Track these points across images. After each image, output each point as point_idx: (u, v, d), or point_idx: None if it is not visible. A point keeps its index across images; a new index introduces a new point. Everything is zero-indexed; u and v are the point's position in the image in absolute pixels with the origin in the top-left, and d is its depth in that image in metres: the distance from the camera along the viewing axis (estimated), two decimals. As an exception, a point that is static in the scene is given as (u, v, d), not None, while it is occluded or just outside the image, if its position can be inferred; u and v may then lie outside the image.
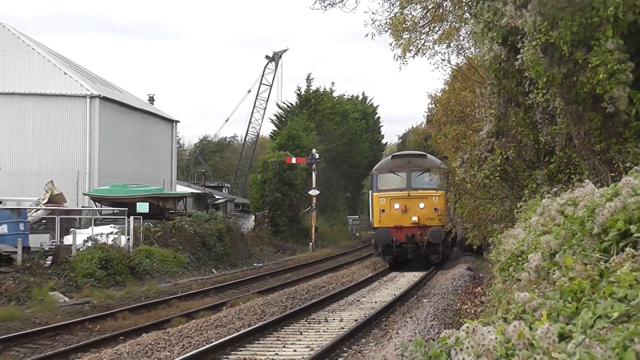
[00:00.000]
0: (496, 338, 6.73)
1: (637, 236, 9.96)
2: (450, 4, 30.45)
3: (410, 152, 60.41)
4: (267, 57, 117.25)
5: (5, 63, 67.28)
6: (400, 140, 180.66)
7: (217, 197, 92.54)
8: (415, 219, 48.70)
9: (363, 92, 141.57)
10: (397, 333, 22.67)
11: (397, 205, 49.65)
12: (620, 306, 6.82)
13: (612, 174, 15.59)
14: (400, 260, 52.49)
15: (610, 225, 10.86)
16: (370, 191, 55.28)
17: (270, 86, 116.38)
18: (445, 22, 31.48)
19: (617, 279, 7.94)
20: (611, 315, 6.72)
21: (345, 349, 21.70)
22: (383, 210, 50.22)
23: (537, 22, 18.34)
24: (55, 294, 33.48)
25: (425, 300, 31.52)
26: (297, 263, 61.81)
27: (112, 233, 47.92)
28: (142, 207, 54.53)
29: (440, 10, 30.95)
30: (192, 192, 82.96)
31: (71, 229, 48.34)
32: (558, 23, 18.02)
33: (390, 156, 57.69)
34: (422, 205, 49.55)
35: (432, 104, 55.26)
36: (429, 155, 55.24)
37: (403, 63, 32.35)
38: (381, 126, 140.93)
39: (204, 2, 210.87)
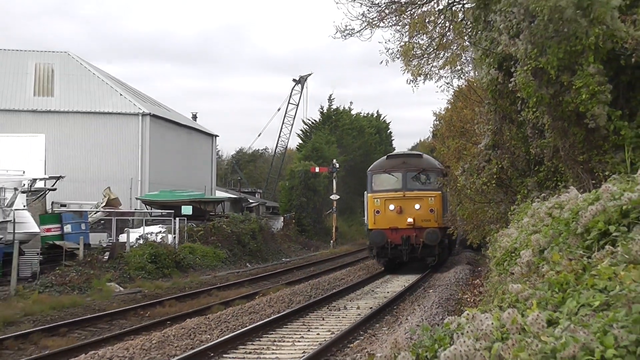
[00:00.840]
0: (493, 323, 6.71)
1: (615, 235, 9.94)
2: (452, 34, 30.40)
3: (406, 152, 51.89)
4: (294, 80, 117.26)
5: (70, 86, 67.55)
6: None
7: (251, 201, 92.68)
8: (410, 220, 41.90)
9: (377, 110, 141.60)
10: (407, 319, 22.62)
11: (392, 207, 42.69)
12: (601, 296, 6.80)
13: (594, 182, 15.53)
14: (398, 262, 44.87)
15: (592, 226, 10.84)
16: (365, 192, 46.87)
17: (297, 105, 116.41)
18: (449, 50, 31.39)
19: (598, 273, 7.92)
20: (593, 304, 6.71)
21: (361, 332, 21.67)
22: (378, 212, 43.24)
23: (528, 50, 18.31)
24: (112, 284, 33.55)
25: (431, 290, 31.43)
26: (320, 258, 61.67)
27: (160, 232, 47.96)
28: (186, 210, 54.54)
29: (444, 40, 30.91)
30: (229, 197, 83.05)
31: (125, 229, 48.44)
32: (546, 50, 17.99)
33: (385, 156, 49.19)
34: (417, 206, 42.50)
35: (437, 121, 55.16)
36: (425, 155, 47.86)
37: (415, 86, 32.40)
38: (393, 140, 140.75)
39: (241, 34, 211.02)
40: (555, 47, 17.88)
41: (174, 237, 48.41)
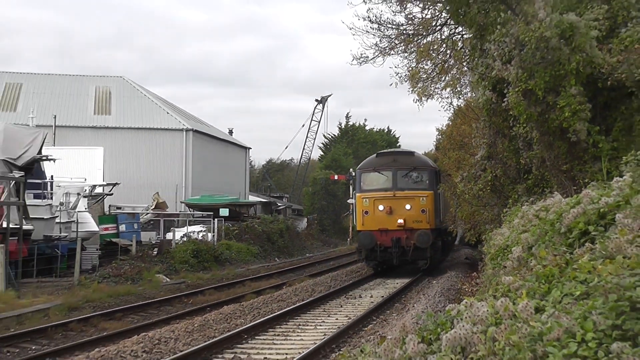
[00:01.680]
0: (488, 310, 6.69)
1: (594, 234, 9.91)
2: (453, 60, 30.37)
3: (397, 149, 44.05)
4: (316, 100, 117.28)
5: (125, 106, 67.92)
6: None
7: (279, 204, 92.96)
8: (401, 221, 34.60)
9: (388, 126, 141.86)
10: (413, 306, 22.58)
11: (381, 207, 35.25)
12: (582, 287, 6.77)
13: (575, 188, 15.46)
14: (388, 266, 37.43)
15: (574, 226, 10.80)
16: (355, 192, 39.80)
17: (319, 122, 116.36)
18: (450, 74, 31.35)
19: (579, 267, 7.89)
20: (574, 293, 6.68)
21: (374, 318, 21.63)
22: (366, 212, 35.66)
23: (519, 74, 18.27)
24: (160, 276, 33.61)
25: (434, 281, 31.38)
26: (338, 254, 61.42)
27: (201, 231, 48.09)
28: (224, 212, 54.64)
29: (446, 65, 30.87)
30: (260, 201, 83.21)
31: (171, 228, 48.58)
32: (534, 74, 17.95)
33: (375, 154, 40.97)
34: (408, 206, 35.03)
35: (439, 135, 54.95)
36: (417, 153, 39.78)
37: (420, 105, 32.37)
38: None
39: (273, 60, 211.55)
40: (542, 72, 17.86)
41: (213, 235, 48.46)
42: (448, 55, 30.48)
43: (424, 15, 29.48)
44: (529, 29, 17.80)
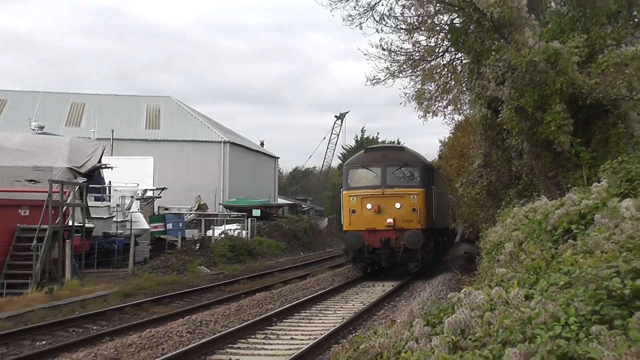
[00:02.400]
0: (484, 298, 6.67)
1: (576, 232, 9.87)
2: (453, 82, 30.35)
3: (386, 144, 34.24)
4: (336, 116, 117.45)
5: (172, 121, 68.27)
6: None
7: (303, 206, 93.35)
8: (390, 220, 28.78)
9: (398, 139, 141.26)
10: (420, 294, 22.52)
11: (369, 205, 29.26)
12: (565, 278, 6.75)
13: (559, 192, 15.41)
14: (376, 268, 31.49)
15: (558, 225, 10.76)
16: (342, 189, 32.54)
17: (338, 135, 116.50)
18: (450, 93, 31.32)
19: (562, 260, 7.86)
20: (559, 283, 6.66)
21: (385, 304, 21.57)
22: (354, 211, 29.63)
23: (511, 93, 18.25)
24: (201, 267, 33.71)
25: (438, 273, 31.29)
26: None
27: (237, 229, 48.23)
28: (256, 212, 54.76)
29: (447, 86, 30.86)
30: (287, 203, 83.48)
31: (211, 226, 48.75)
32: (524, 94, 17.93)
33: (363, 150, 34.93)
34: (398, 205, 28.99)
35: (442, 146, 55.05)
36: (407, 148, 33.33)
37: (425, 120, 32.53)
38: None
39: (301, 82, 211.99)
40: (531, 92, 17.84)
41: (247, 232, 48.58)
42: (449, 78, 30.46)
43: (428, 43, 29.54)
44: (520, 55, 17.77)
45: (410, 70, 29.98)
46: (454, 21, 25.12)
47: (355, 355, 6.31)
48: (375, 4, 27.35)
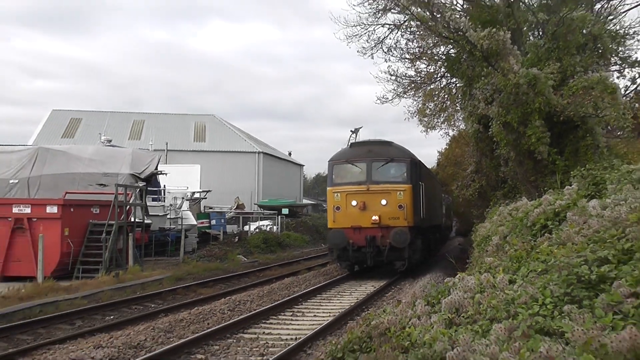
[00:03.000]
0: (474, 282, 6.68)
1: (551, 227, 9.86)
2: (449, 102, 30.34)
3: (372, 139, 29.72)
4: (351, 130, 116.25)
5: (216, 135, 68.41)
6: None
7: (324, 205, 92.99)
8: (375, 218, 24.24)
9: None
10: (421, 279, 22.43)
11: (354, 202, 24.75)
12: (542, 265, 6.75)
13: (537, 194, 15.37)
14: (364, 267, 26.26)
15: (536, 221, 10.74)
16: (327, 186, 27.33)
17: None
18: (447, 112, 31.29)
19: (540, 251, 7.85)
20: (537, 270, 6.66)
21: (392, 287, 21.50)
22: (338, 208, 25.07)
23: (499, 111, 18.25)
24: (239, 256, 33.74)
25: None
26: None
27: (269, 224, 48.27)
28: (285, 211, 54.72)
29: (444, 105, 30.83)
30: (311, 203, 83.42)
31: (247, 222, 48.83)
32: (510, 111, 17.92)
33: (349, 144, 30.29)
34: (384, 201, 24.42)
35: (439, 156, 54.93)
36: (394, 143, 27.54)
37: (426, 134, 32.52)
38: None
39: (322, 101, 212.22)
40: (515, 110, 17.88)
41: (277, 227, 48.61)
42: (445, 99, 30.48)
43: (428, 70, 29.56)
44: (506, 79, 17.79)
45: (413, 92, 30.03)
46: (450, 52, 25.08)
47: (368, 329, 6.33)
48: (384, 38, 27.41)
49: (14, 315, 15.76)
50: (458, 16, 21.33)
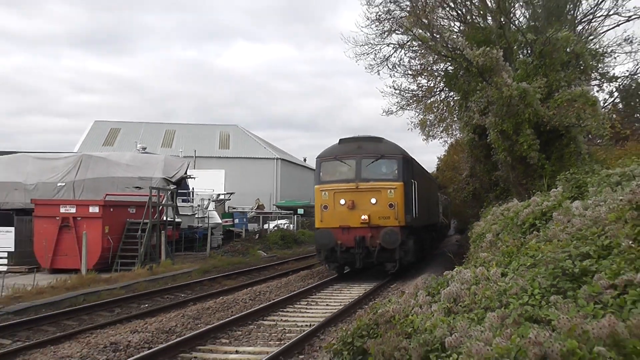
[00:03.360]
0: (470, 275, 6.68)
1: (539, 225, 9.85)
2: (447, 113, 30.28)
3: (362, 135, 24.87)
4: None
5: (239, 144, 68.58)
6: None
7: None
8: (365, 217, 21.02)
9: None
10: (423, 272, 22.34)
11: (342, 201, 21.39)
12: (531, 260, 6.75)
13: (527, 196, 15.34)
14: (354, 269, 22.67)
15: (526, 220, 10.73)
16: (314, 184, 23.37)
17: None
18: (445, 122, 31.23)
19: (529, 246, 7.84)
20: (526, 264, 6.66)
21: (397, 280, 21.44)
22: (326, 207, 21.70)
23: (496, 121, 18.29)
24: (260, 251, 33.76)
25: (437, 257, 30.99)
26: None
27: (286, 223, 48.31)
28: (300, 211, 54.69)
29: (443, 117, 30.78)
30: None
31: (267, 221, 48.87)
32: (505, 121, 17.91)
33: (338, 140, 24.11)
34: (374, 200, 21.19)
35: (439, 162, 54.82)
36: (385, 140, 23.47)
37: (427, 142, 32.43)
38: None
39: (334, 113, 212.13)
40: (508, 120, 17.86)
41: (294, 226, 48.63)
42: (444, 110, 30.40)
43: (428, 85, 29.51)
44: (500, 92, 17.78)
45: (415, 105, 29.99)
46: (448, 68, 25.09)
47: (374, 317, 6.34)
48: (389, 56, 27.44)
49: (61, 303, 15.92)
50: (455, 37, 21.41)
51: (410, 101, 29.73)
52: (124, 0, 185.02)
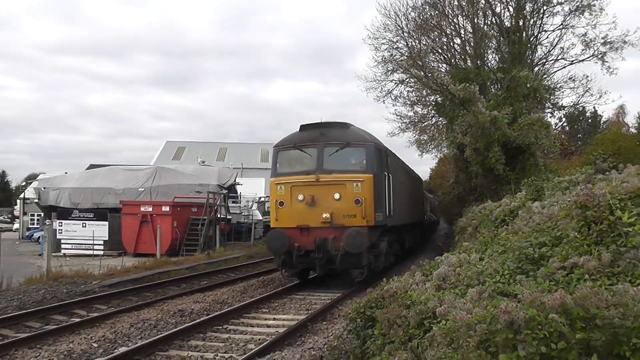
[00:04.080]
0: (455, 259, 6.70)
1: (507, 221, 9.81)
2: (437, 134, 30.16)
3: (327, 121, 14.48)
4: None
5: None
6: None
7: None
8: (326, 216, 12.59)
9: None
10: (418, 258, 22.18)
11: (300, 196, 12.96)
12: (501, 247, 6.76)
13: (498, 198, 15.26)
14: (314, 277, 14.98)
15: (498, 217, 10.70)
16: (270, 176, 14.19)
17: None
18: (436, 141, 31.06)
19: (500, 237, 7.83)
20: (498, 251, 6.66)
21: (400, 264, 21.24)
22: (282, 204, 13.23)
23: (471, 140, 18.16)
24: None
25: (429, 245, 30.68)
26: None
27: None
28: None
29: (434, 137, 30.64)
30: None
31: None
32: (478, 140, 17.83)
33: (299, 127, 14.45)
34: (337, 195, 12.70)
35: (431, 172, 54.55)
36: (353, 126, 14.58)
37: (422, 157, 32.30)
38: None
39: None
40: (481, 140, 17.76)
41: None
42: (435, 132, 30.29)
43: (422, 112, 29.48)
44: (476, 118, 17.70)
45: (412, 128, 29.92)
46: (438, 99, 25.05)
47: (381, 293, 6.39)
48: (392, 90, 27.40)
49: (142, 279, 16.12)
50: (442, 75, 21.44)
51: (409, 125, 29.64)
52: (191, 50, 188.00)
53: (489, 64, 23.84)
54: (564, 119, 31.96)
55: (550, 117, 24.43)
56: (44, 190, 30.23)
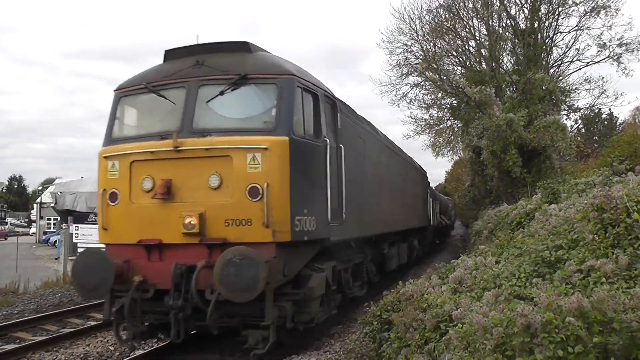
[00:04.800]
0: (472, 262, 6.71)
1: (524, 224, 9.81)
2: (453, 137, 30.13)
3: (210, 42, 5.25)
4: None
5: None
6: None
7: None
8: (190, 220, 4.04)
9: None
10: (434, 260, 22.04)
11: (147, 182, 4.27)
12: (518, 250, 6.75)
13: (514, 201, 15.22)
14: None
15: (514, 220, 10.70)
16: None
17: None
18: (451, 143, 31.04)
19: (516, 240, 7.83)
20: (515, 254, 6.66)
21: (416, 265, 21.12)
22: (114, 196, 4.47)
23: (487, 143, 18.14)
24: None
25: (447, 247, 30.44)
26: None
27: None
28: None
29: (450, 139, 30.59)
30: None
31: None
32: (495, 143, 17.81)
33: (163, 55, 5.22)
34: (214, 179, 4.18)
35: (447, 175, 54.36)
36: (260, 50, 5.50)
37: (437, 158, 32.25)
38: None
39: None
40: (498, 142, 17.73)
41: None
42: (450, 134, 30.25)
43: (438, 115, 29.47)
44: (492, 121, 17.70)
45: (427, 130, 29.95)
46: (453, 102, 25.05)
47: (397, 296, 6.41)
48: (407, 93, 27.45)
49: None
50: (458, 78, 21.50)
51: (424, 128, 29.67)
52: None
53: (504, 67, 23.80)
54: (579, 121, 31.83)
55: (566, 119, 24.42)
56: (60, 194, 30.58)
